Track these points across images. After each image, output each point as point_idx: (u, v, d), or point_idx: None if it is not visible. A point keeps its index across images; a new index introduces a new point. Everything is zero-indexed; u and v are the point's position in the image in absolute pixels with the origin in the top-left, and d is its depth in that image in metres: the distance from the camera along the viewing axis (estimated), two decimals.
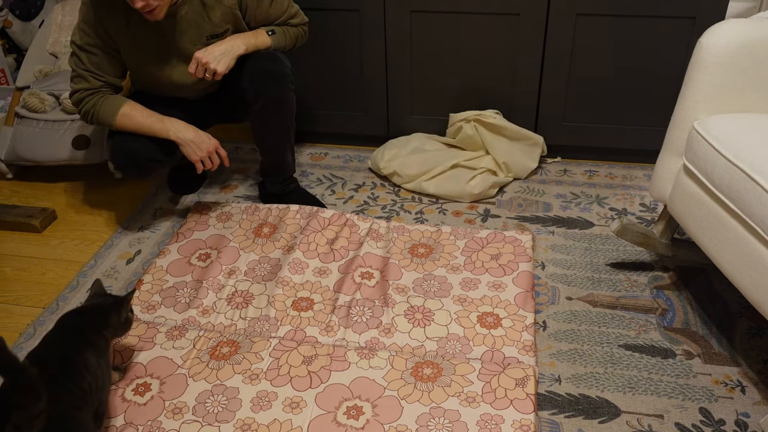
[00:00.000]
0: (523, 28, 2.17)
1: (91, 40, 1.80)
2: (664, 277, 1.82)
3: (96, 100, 1.84)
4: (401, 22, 2.24)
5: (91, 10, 1.78)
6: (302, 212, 2.06)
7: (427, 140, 2.39)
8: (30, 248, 2.08)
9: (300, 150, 2.54)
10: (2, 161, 2.40)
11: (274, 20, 1.96)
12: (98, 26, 1.79)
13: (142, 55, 1.85)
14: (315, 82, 2.44)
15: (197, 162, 1.89)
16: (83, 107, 1.85)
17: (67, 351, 1.31)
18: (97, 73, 1.83)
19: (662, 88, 2.18)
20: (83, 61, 1.82)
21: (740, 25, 1.51)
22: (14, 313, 1.81)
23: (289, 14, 1.98)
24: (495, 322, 1.65)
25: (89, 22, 1.79)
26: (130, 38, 1.81)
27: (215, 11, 1.84)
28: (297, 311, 1.71)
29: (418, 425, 1.39)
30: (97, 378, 1.30)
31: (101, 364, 1.34)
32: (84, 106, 1.85)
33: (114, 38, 1.81)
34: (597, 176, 2.32)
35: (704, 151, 1.49)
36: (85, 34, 1.80)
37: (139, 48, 1.84)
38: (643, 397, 1.47)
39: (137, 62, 1.88)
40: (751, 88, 1.55)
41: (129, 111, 1.84)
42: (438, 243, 1.95)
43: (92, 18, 1.78)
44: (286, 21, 1.98)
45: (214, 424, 1.42)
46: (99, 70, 1.83)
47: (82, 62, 1.82)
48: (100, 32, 1.79)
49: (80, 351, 1.31)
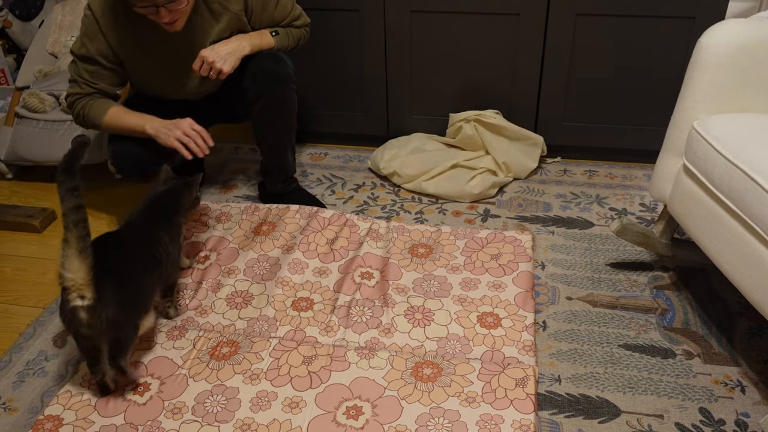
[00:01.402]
0: (523, 28, 2.18)
1: (87, 53, 1.82)
2: (664, 277, 1.82)
3: (85, 102, 1.86)
4: (401, 22, 2.24)
5: (95, 23, 1.78)
6: (302, 212, 2.06)
7: (427, 140, 2.39)
8: (30, 248, 2.08)
9: (300, 150, 2.54)
10: (2, 161, 2.40)
11: (278, 22, 1.97)
12: (100, 41, 1.80)
13: (148, 62, 1.85)
14: (315, 82, 2.44)
15: (178, 146, 1.80)
16: (75, 109, 1.88)
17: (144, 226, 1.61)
18: (91, 82, 1.85)
19: (662, 88, 2.18)
20: (79, 69, 1.85)
21: (740, 25, 1.51)
22: (14, 313, 1.81)
23: (293, 16, 1.99)
24: (495, 322, 1.65)
25: (91, 35, 1.80)
26: (134, 47, 1.82)
27: (222, 17, 1.84)
28: (297, 311, 1.71)
29: (418, 425, 1.39)
30: (169, 253, 1.60)
31: (174, 243, 1.64)
32: (75, 108, 1.88)
33: (117, 51, 1.82)
34: (597, 176, 2.32)
35: (704, 151, 1.49)
36: (83, 46, 1.82)
37: (144, 56, 1.84)
38: (643, 397, 1.47)
39: (142, 70, 1.88)
40: (751, 88, 1.55)
41: (115, 112, 1.85)
42: (438, 243, 1.95)
43: (95, 31, 1.79)
44: (290, 23, 1.99)
45: (213, 424, 1.42)
46: (93, 78, 1.85)
47: (78, 70, 1.85)
48: (102, 48, 1.81)
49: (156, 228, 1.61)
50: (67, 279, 1.34)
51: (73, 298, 1.35)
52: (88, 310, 1.35)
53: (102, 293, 1.36)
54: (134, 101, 2.00)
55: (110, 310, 1.38)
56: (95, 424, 1.43)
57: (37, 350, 1.66)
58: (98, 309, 1.36)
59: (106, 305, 1.37)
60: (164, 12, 1.66)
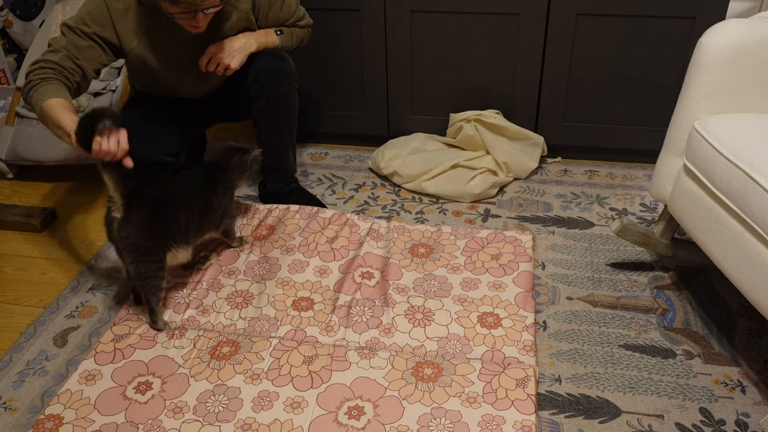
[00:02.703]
0: (523, 28, 2.18)
1: (88, 29, 1.70)
2: (665, 277, 1.83)
3: (48, 76, 1.65)
4: (401, 22, 2.24)
5: (105, 8, 1.71)
6: (302, 212, 2.06)
7: (428, 140, 2.39)
8: (30, 248, 2.08)
9: (300, 150, 2.54)
10: (2, 161, 2.40)
11: (283, 22, 1.98)
12: (108, 26, 1.72)
13: (155, 59, 1.83)
14: (316, 82, 2.44)
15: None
16: (31, 75, 1.65)
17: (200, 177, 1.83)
18: (74, 56, 1.69)
19: (662, 88, 2.18)
20: (67, 39, 1.69)
21: (740, 25, 1.51)
22: (14, 313, 1.81)
23: (297, 17, 2.00)
24: (495, 322, 1.65)
25: (96, 18, 1.71)
26: (141, 43, 1.77)
27: (231, 15, 1.84)
28: (297, 311, 1.71)
29: (420, 425, 1.39)
30: (222, 207, 1.84)
31: (226, 196, 1.87)
32: (33, 75, 1.65)
33: (123, 40, 1.75)
34: (597, 176, 2.32)
35: (704, 151, 1.49)
36: (83, 23, 1.70)
37: (151, 52, 1.81)
38: (644, 397, 1.47)
39: (147, 65, 1.83)
40: (752, 88, 1.55)
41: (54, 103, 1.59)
42: (438, 243, 1.95)
43: (101, 16, 1.71)
44: (295, 23, 2.00)
45: (214, 423, 1.42)
46: (79, 53, 1.70)
47: (65, 40, 1.69)
48: (106, 32, 1.72)
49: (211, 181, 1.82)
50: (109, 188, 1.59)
51: (113, 209, 1.60)
52: (118, 223, 1.59)
53: (130, 214, 1.58)
54: (136, 102, 2.00)
55: (132, 231, 1.59)
56: (95, 423, 1.43)
57: (38, 350, 1.66)
58: (123, 225, 1.59)
59: (129, 225, 1.59)
60: (201, 17, 1.64)
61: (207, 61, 1.81)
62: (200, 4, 1.60)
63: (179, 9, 1.60)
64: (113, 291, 1.86)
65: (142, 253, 1.61)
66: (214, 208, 1.82)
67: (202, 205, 1.78)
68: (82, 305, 1.81)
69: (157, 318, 1.67)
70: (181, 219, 1.71)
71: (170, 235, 1.68)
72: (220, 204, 1.84)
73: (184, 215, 1.71)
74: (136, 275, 1.64)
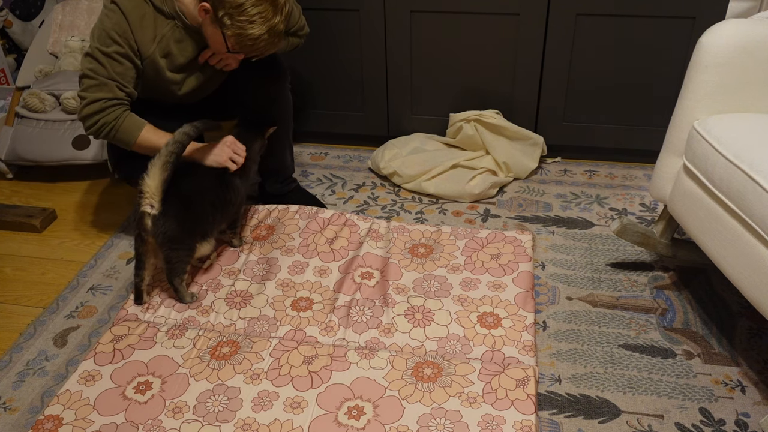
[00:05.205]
0: (523, 28, 2.18)
1: (121, 49, 1.69)
2: (664, 277, 1.83)
3: (119, 113, 1.71)
4: (401, 22, 2.24)
5: (124, 20, 1.69)
6: (302, 212, 2.06)
7: (427, 140, 2.39)
8: (30, 248, 2.08)
9: (300, 150, 2.54)
10: (2, 161, 2.40)
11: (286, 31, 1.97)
12: (130, 38, 1.70)
13: (163, 66, 1.82)
14: (315, 82, 2.44)
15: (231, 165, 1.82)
16: (102, 118, 1.70)
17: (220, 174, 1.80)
18: (122, 83, 1.71)
19: (662, 88, 2.18)
20: (107, 69, 1.69)
21: (740, 25, 1.51)
22: (14, 313, 1.81)
23: (299, 26, 2.00)
24: (495, 322, 1.65)
25: (121, 32, 1.69)
26: (156, 49, 1.76)
27: None
28: (296, 311, 1.71)
29: (419, 426, 1.39)
30: (238, 197, 1.87)
31: (244, 183, 1.88)
32: (104, 118, 1.70)
33: (141, 49, 1.74)
34: (597, 176, 2.32)
35: (704, 151, 1.49)
36: (114, 42, 1.68)
37: (161, 59, 1.80)
38: (643, 397, 1.47)
39: (158, 71, 1.82)
40: (751, 88, 1.55)
41: (147, 134, 1.74)
42: (438, 243, 1.95)
43: (125, 29, 1.69)
44: (295, 32, 2.00)
45: (214, 423, 1.42)
46: (123, 79, 1.71)
47: (106, 70, 1.68)
48: (132, 44, 1.71)
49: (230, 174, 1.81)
50: (145, 184, 1.60)
51: (144, 204, 1.61)
52: (152, 218, 1.62)
53: (167, 209, 1.63)
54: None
55: (170, 225, 1.63)
56: (95, 424, 1.43)
57: (37, 350, 1.66)
58: (160, 220, 1.62)
59: (167, 219, 1.63)
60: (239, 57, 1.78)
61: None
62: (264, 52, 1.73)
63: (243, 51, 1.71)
64: (113, 291, 1.86)
65: (176, 241, 1.68)
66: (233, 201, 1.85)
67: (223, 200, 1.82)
68: (81, 305, 1.81)
69: (182, 296, 1.74)
70: (208, 217, 1.77)
71: (198, 233, 1.75)
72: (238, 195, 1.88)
73: (211, 208, 1.77)
74: (166, 259, 1.70)
